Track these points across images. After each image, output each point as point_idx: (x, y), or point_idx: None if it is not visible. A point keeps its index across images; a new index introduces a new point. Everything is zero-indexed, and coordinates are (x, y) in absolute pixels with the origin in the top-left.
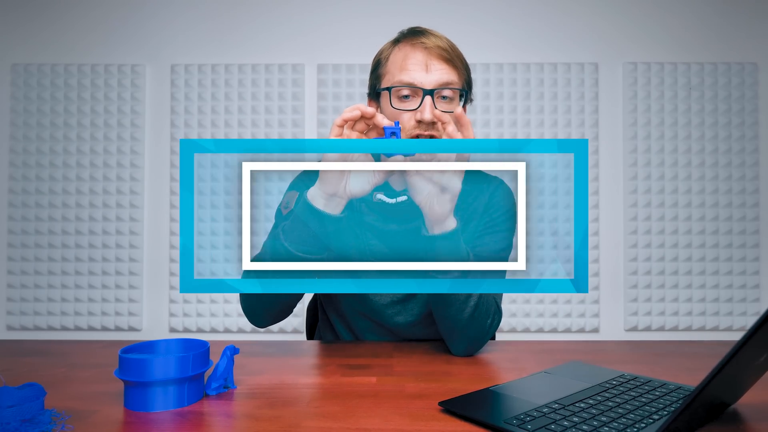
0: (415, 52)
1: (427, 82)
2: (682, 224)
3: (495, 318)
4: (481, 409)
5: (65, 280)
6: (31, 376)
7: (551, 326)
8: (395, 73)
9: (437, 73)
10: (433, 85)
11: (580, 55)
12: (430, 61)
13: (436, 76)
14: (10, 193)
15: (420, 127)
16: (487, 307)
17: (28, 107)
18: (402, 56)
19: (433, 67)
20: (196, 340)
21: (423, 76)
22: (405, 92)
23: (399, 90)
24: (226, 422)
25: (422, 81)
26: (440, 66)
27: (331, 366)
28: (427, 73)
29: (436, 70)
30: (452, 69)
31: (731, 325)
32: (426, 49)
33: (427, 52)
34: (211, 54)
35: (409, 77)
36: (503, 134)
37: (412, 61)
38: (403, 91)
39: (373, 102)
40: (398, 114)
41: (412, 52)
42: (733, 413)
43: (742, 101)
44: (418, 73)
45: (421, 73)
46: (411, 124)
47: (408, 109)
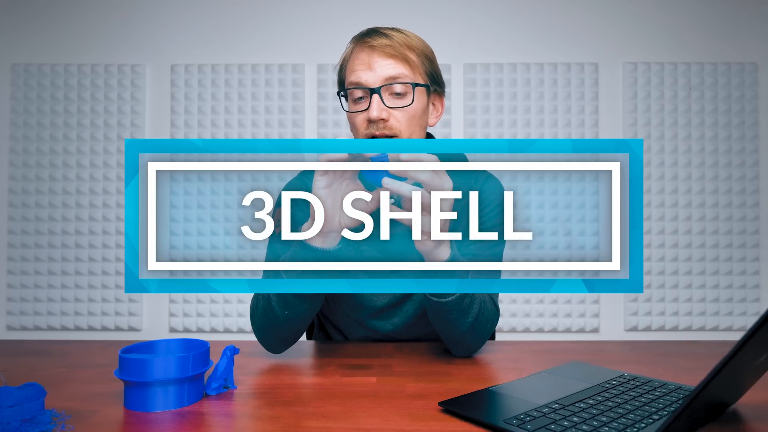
0: (361, 52)
1: (372, 81)
2: (682, 224)
3: (494, 319)
4: (481, 409)
5: (65, 280)
6: (31, 376)
7: (551, 326)
8: (347, 76)
9: (381, 70)
10: (379, 82)
11: (580, 55)
12: (374, 59)
13: (380, 73)
14: (10, 193)
15: (371, 127)
16: (486, 316)
17: (28, 107)
18: (352, 58)
19: (376, 64)
20: (196, 340)
21: (368, 75)
22: (358, 94)
23: (351, 93)
24: (226, 422)
25: (368, 80)
26: (384, 62)
27: (331, 366)
28: (371, 72)
29: (379, 67)
30: (399, 63)
31: (731, 325)
32: (370, 47)
33: (370, 50)
34: (211, 54)
35: (355, 77)
36: (503, 134)
37: (357, 62)
38: (355, 93)
39: None
40: (353, 117)
41: (360, 53)
42: (733, 413)
43: (742, 101)
44: (363, 73)
45: (366, 72)
46: (364, 125)
47: (360, 110)
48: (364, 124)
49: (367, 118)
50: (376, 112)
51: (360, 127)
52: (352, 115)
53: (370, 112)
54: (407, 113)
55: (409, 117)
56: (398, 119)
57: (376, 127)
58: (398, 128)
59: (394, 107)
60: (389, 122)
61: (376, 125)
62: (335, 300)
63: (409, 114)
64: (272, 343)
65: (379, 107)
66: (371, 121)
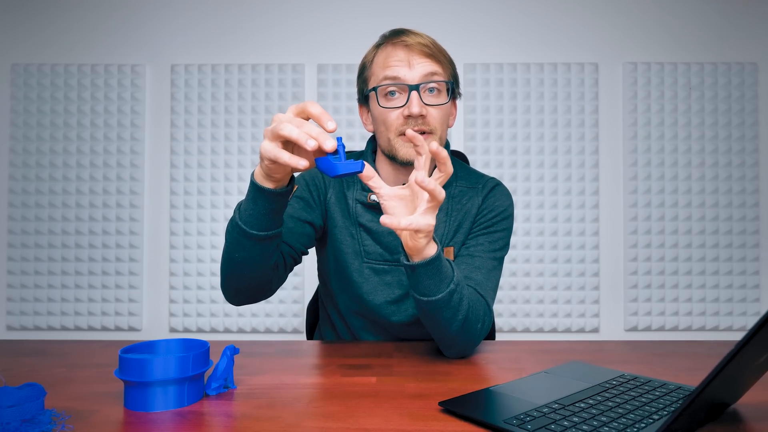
0: (397, 50)
1: (410, 78)
2: (682, 224)
3: (486, 320)
4: (481, 409)
5: (65, 280)
6: (31, 376)
7: (551, 326)
8: (379, 73)
9: (420, 67)
10: (418, 80)
11: (580, 55)
12: (412, 57)
13: (419, 70)
14: (10, 193)
15: (408, 123)
16: (476, 315)
17: (28, 107)
18: (384, 56)
19: (415, 62)
20: (196, 340)
21: (406, 72)
22: (391, 89)
23: (384, 88)
24: (226, 422)
25: (406, 76)
26: (422, 60)
27: (331, 366)
28: (410, 69)
29: (418, 65)
30: (435, 63)
31: (731, 325)
32: (407, 47)
33: (408, 49)
34: (211, 54)
35: (393, 73)
36: (503, 134)
37: (394, 59)
38: (389, 88)
39: (364, 108)
40: (386, 113)
41: (394, 51)
42: (733, 413)
43: (742, 101)
44: (402, 69)
45: (404, 69)
46: (399, 121)
47: (395, 106)
48: (400, 119)
49: (406, 114)
50: (417, 108)
51: (394, 123)
52: (385, 111)
53: (411, 108)
54: (441, 111)
55: (442, 115)
56: (434, 116)
57: (414, 122)
58: (434, 125)
59: (430, 104)
60: (427, 118)
61: (415, 121)
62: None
63: (442, 112)
64: (230, 292)
65: (419, 103)
66: (409, 117)
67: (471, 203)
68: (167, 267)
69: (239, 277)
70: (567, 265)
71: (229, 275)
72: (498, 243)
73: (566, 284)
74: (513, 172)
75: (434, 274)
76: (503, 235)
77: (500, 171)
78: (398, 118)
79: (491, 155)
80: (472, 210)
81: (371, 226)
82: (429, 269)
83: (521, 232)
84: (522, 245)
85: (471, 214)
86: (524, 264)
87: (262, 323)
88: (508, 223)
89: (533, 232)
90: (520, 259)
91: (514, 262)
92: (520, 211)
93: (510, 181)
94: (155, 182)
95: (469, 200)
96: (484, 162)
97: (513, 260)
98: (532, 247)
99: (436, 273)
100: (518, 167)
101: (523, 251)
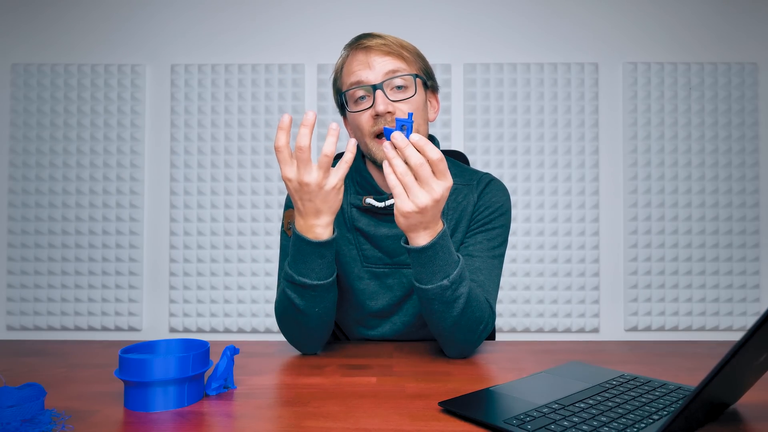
0: (358, 54)
1: (373, 78)
2: (682, 224)
3: (487, 320)
4: (481, 409)
5: (65, 280)
6: (31, 376)
7: (551, 326)
8: (346, 80)
9: (380, 66)
10: (381, 78)
11: (580, 55)
12: (372, 59)
13: (379, 69)
14: (10, 193)
15: (378, 122)
16: (477, 314)
17: (28, 107)
18: (348, 63)
19: (375, 62)
20: (196, 341)
21: (368, 73)
22: (359, 93)
23: (353, 93)
24: (226, 422)
25: (368, 77)
26: (383, 59)
27: (331, 366)
28: (371, 70)
29: (378, 64)
30: (397, 59)
31: (731, 325)
32: (366, 49)
33: (367, 51)
34: (211, 54)
35: (356, 78)
36: (503, 134)
37: (356, 64)
38: (356, 93)
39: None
40: (357, 117)
41: (355, 56)
42: (733, 413)
43: (742, 101)
44: (363, 72)
45: (365, 71)
46: (370, 123)
47: (363, 108)
48: (370, 121)
49: (373, 114)
50: (383, 106)
51: (366, 126)
52: (356, 116)
53: (376, 106)
54: (411, 105)
55: (414, 109)
56: (404, 112)
57: (384, 121)
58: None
59: (397, 100)
60: (396, 114)
61: (383, 119)
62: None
63: (414, 105)
64: (299, 341)
65: (384, 101)
66: (378, 116)
67: (467, 200)
68: (167, 267)
69: (326, 326)
70: (567, 265)
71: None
72: (497, 240)
73: (566, 284)
74: (513, 172)
75: (427, 264)
76: (501, 231)
77: (500, 171)
78: (369, 120)
79: (491, 155)
80: (468, 207)
81: (369, 230)
82: (421, 257)
83: (521, 232)
84: (522, 245)
85: (468, 211)
86: (524, 264)
87: (262, 323)
88: (506, 218)
89: (533, 232)
90: (520, 259)
91: (514, 262)
92: (520, 211)
93: (510, 181)
94: (155, 182)
95: (464, 198)
96: (484, 162)
97: (513, 260)
98: (532, 247)
99: (429, 263)
100: (518, 167)
101: (523, 251)
